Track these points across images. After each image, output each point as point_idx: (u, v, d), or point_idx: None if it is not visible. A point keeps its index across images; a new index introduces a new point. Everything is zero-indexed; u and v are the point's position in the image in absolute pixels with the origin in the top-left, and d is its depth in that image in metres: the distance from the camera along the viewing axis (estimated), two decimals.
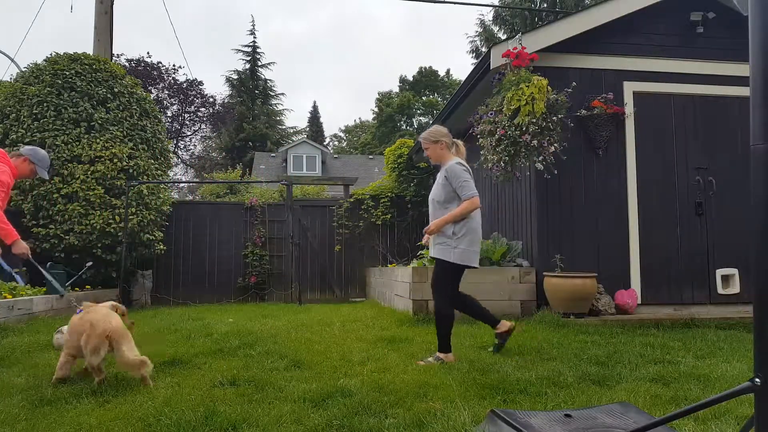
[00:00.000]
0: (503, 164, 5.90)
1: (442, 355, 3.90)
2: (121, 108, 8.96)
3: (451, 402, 2.81)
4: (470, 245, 3.92)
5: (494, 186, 7.51)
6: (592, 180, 6.44)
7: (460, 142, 4.19)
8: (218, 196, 13.61)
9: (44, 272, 4.60)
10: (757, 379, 1.45)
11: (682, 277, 6.39)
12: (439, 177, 4.07)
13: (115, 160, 8.56)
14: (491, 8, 24.95)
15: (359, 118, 53.54)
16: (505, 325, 4.14)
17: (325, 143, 44.82)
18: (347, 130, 52.03)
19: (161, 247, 9.58)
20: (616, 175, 6.45)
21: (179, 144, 29.20)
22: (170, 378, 3.48)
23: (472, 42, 26.95)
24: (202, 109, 28.42)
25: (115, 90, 9.00)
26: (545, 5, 23.77)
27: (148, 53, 42.40)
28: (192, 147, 31.10)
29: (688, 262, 6.43)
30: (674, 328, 5.44)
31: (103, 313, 3.31)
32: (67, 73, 8.67)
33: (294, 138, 35.59)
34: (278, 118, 37.13)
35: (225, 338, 4.85)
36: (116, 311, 3.48)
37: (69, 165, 8.31)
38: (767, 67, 1.50)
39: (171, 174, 12.10)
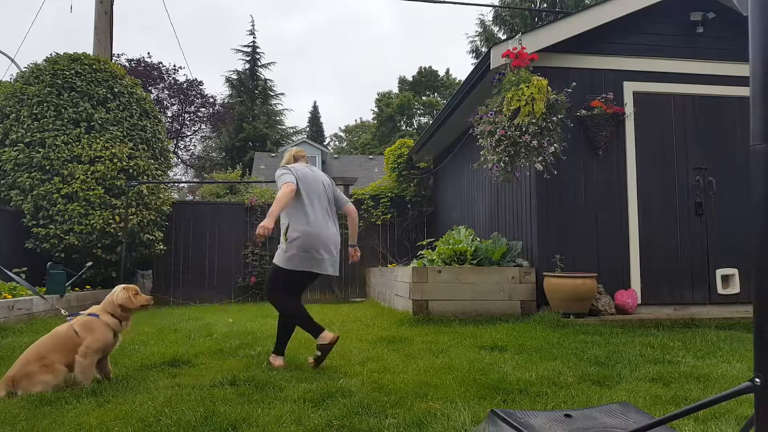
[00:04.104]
0: (503, 164, 5.90)
1: (271, 359, 3.93)
2: (121, 108, 8.96)
3: (451, 402, 2.82)
4: (298, 250, 3.85)
5: (494, 186, 7.51)
6: (592, 180, 6.44)
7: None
8: (218, 196, 13.62)
9: (10, 274, 4.55)
10: (757, 379, 1.45)
11: (682, 277, 6.38)
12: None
13: (115, 160, 8.56)
14: (491, 8, 24.96)
15: (359, 118, 53.52)
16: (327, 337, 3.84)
17: (325, 143, 44.81)
18: (347, 130, 52.02)
19: (161, 247, 9.58)
20: (616, 175, 6.45)
21: (179, 144, 29.19)
22: (170, 378, 3.49)
23: (472, 42, 26.97)
24: (202, 109, 28.39)
25: (115, 90, 9.00)
26: (545, 5, 23.77)
27: (148, 53, 42.36)
28: (192, 147, 31.08)
29: (688, 262, 6.43)
30: (674, 328, 5.44)
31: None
32: (67, 73, 8.67)
33: (294, 138, 35.58)
34: (278, 118, 37.08)
35: (225, 338, 4.86)
36: (127, 291, 3.44)
37: (69, 165, 8.31)
38: (767, 67, 1.50)
39: (171, 174, 12.11)
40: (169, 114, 27.29)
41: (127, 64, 24.26)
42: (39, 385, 3.07)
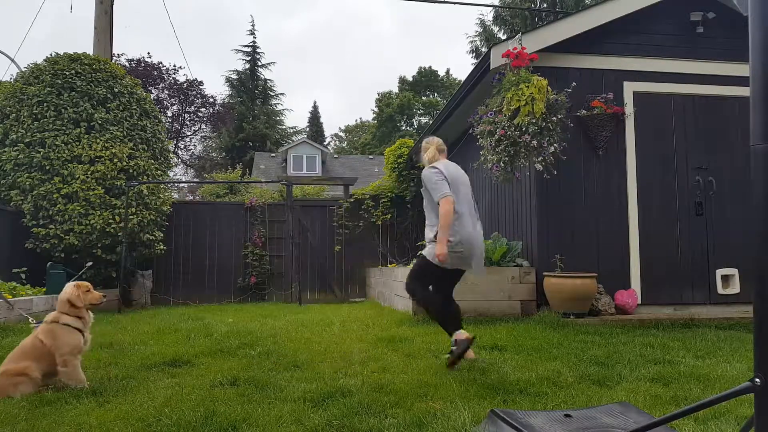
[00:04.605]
0: (503, 164, 5.89)
1: (455, 336, 3.75)
2: (121, 108, 8.96)
3: (451, 402, 2.82)
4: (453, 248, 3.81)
5: (494, 186, 7.51)
6: (592, 180, 6.44)
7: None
8: (218, 196, 13.61)
9: None
10: (757, 379, 1.45)
11: (682, 277, 6.38)
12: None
13: (115, 160, 8.56)
14: (491, 8, 24.97)
15: (360, 118, 53.54)
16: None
17: (325, 143, 44.81)
18: (347, 130, 52.03)
19: (161, 247, 9.58)
20: (616, 175, 6.45)
21: (179, 144, 29.20)
22: (170, 378, 3.49)
23: (472, 42, 26.98)
24: (202, 109, 28.41)
25: (115, 90, 9.00)
26: (545, 5, 23.78)
27: (148, 53, 42.37)
28: (192, 147, 31.11)
29: (688, 262, 6.43)
30: (674, 328, 5.44)
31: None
32: (67, 73, 8.67)
33: (294, 138, 35.56)
34: (278, 118, 37.09)
35: (225, 338, 4.86)
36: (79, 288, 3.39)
37: (69, 165, 8.31)
38: (767, 67, 1.50)
39: (171, 174, 12.10)
40: (169, 114, 27.30)
41: (127, 64, 24.27)
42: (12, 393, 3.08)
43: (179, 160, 29.40)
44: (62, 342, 3.21)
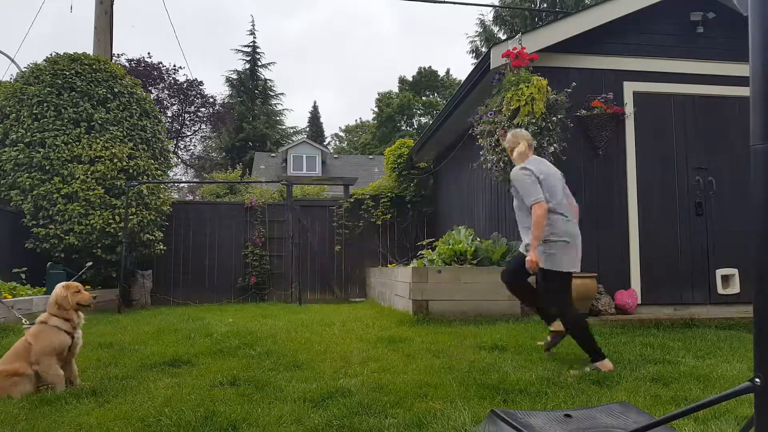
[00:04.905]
0: (503, 164, 5.89)
1: (597, 364, 3.59)
2: (121, 108, 8.96)
3: (451, 402, 2.82)
4: (561, 250, 3.70)
5: (494, 186, 7.51)
6: (592, 180, 6.44)
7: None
8: (218, 196, 13.61)
9: None
10: (757, 379, 1.45)
11: (682, 277, 6.38)
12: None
13: (115, 160, 8.56)
14: (491, 8, 24.97)
15: (359, 118, 53.53)
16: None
17: (325, 143, 44.80)
18: (347, 130, 52.02)
19: (161, 247, 9.58)
20: (616, 175, 6.45)
21: (179, 144, 29.19)
22: (170, 378, 3.49)
23: (472, 42, 26.98)
24: (202, 109, 28.40)
25: (115, 90, 9.00)
26: (545, 5, 23.78)
27: (148, 53, 42.34)
28: (192, 147, 31.10)
29: (688, 262, 6.43)
30: (674, 328, 5.44)
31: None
32: (67, 73, 8.67)
33: (294, 138, 35.54)
34: (278, 118, 37.08)
35: (225, 338, 4.85)
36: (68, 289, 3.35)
37: (69, 165, 8.31)
38: (767, 67, 1.50)
39: (171, 174, 12.10)
40: (169, 114, 27.29)
41: (127, 64, 24.25)
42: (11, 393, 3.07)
43: (179, 160, 29.40)
44: (42, 342, 3.19)
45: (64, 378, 3.22)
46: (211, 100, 28.45)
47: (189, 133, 29.83)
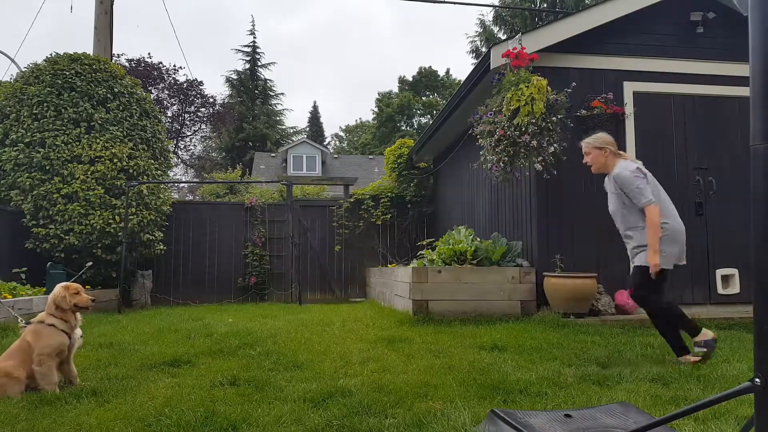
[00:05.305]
0: (503, 165, 5.89)
1: (682, 358, 3.72)
2: (121, 108, 8.96)
3: (451, 402, 2.82)
4: (668, 246, 3.73)
5: (494, 186, 7.51)
6: (592, 180, 6.42)
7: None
8: (218, 196, 13.61)
9: None
10: (757, 379, 1.45)
11: (682, 277, 6.37)
12: (610, 186, 4.04)
13: (115, 160, 8.56)
14: (491, 8, 24.97)
15: (359, 119, 53.56)
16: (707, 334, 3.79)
17: (325, 143, 44.80)
18: (347, 130, 52.03)
19: (161, 247, 9.58)
20: None
21: (179, 144, 29.18)
22: (170, 378, 3.49)
23: (472, 42, 26.99)
24: (202, 109, 28.39)
25: (115, 90, 9.00)
26: (545, 5, 23.78)
27: (149, 54, 42.37)
28: (192, 147, 31.10)
29: (688, 262, 6.35)
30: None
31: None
32: (67, 73, 8.67)
33: (294, 138, 35.55)
34: (278, 118, 37.08)
35: (225, 338, 4.85)
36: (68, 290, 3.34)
37: (69, 165, 8.31)
38: (767, 67, 1.50)
39: (171, 174, 12.11)
40: (169, 114, 27.28)
41: (127, 64, 24.25)
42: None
43: (179, 160, 29.40)
44: (43, 342, 3.18)
45: (57, 386, 3.21)
46: (211, 100, 28.45)
47: (189, 133, 29.83)
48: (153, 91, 25.23)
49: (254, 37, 36.93)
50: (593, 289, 5.78)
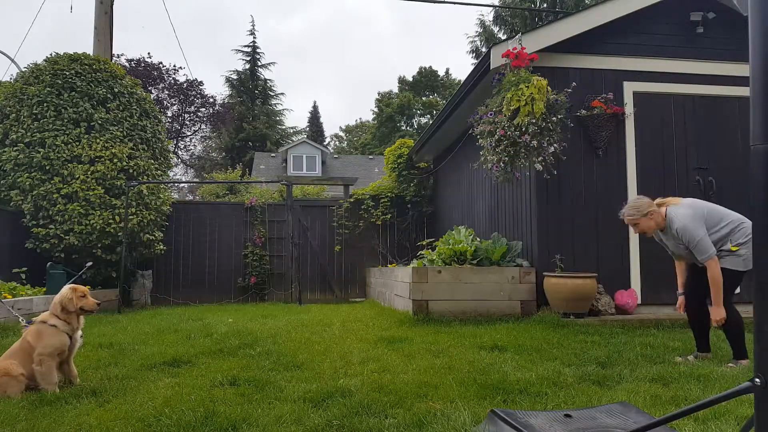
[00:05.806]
0: (503, 165, 5.89)
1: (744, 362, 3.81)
2: (121, 108, 8.96)
3: (451, 402, 2.82)
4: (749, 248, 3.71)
5: (494, 186, 7.51)
6: (592, 180, 6.44)
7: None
8: (218, 196, 13.61)
9: None
10: (757, 379, 1.45)
11: None
12: (669, 236, 3.97)
13: (115, 160, 8.56)
14: (491, 8, 24.97)
15: (359, 119, 53.56)
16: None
17: (325, 143, 44.79)
18: (347, 130, 52.04)
19: (161, 247, 9.58)
20: (616, 175, 6.45)
21: (179, 144, 29.19)
22: (170, 378, 3.49)
23: (472, 42, 26.98)
24: (202, 109, 28.40)
25: (115, 90, 9.00)
26: (545, 5, 23.78)
27: (149, 54, 42.32)
28: (192, 147, 31.11)
29: None
30: (674, 328, 5.44)
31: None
32: (67, 73, 8.67)
33: (294, 138, 35.55)
34: (278, 118, 37.07)
35: (225, 338, 4.85)
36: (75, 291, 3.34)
37: (69, 165, 8.31)
38: (767, 67, 1.50)
39: (171, 174, 12.11)
40: (169, 114, 27.29)
41: (127, 64, 24.26)
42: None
43: (179, 160, 29.41)
44: (44, 342, 3.19)
45: (57, 386, 3.21)
46: (211, 100, 28.46)
47: (189, 133, 29.84)
48: (153, 91, 25.24)
49: (254, 37, 36.94)
50: (593, 289, 5.78)
